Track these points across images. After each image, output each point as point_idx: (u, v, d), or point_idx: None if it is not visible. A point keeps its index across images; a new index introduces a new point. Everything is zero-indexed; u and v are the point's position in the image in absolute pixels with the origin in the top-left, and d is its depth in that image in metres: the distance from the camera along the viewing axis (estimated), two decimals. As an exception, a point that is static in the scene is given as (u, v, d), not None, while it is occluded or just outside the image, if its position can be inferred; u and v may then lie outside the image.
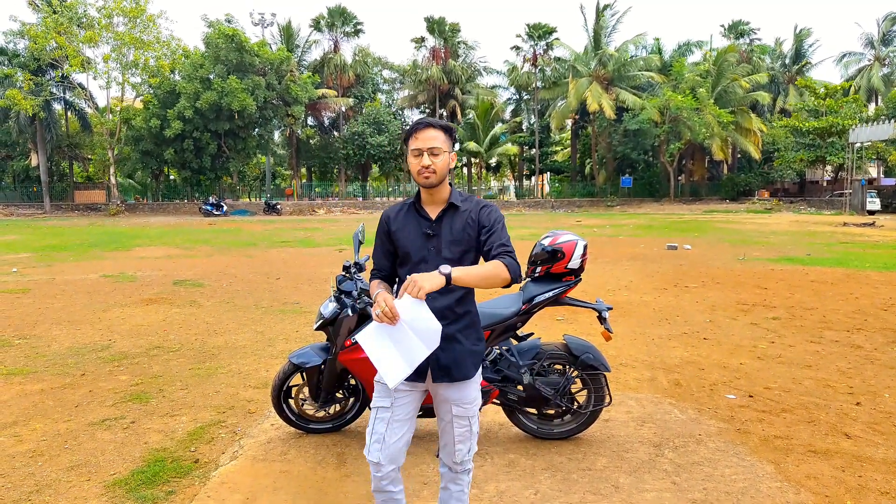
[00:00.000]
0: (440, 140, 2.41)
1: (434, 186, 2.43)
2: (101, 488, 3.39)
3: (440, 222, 2.46)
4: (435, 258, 2.41)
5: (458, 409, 2.49)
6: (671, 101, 42.16)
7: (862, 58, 54.33)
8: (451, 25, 50.88)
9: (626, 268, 12.35)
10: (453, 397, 2.48)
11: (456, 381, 2.46)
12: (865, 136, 37.58)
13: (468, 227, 2.45)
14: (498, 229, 2.45)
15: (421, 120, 2.46)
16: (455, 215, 2.47)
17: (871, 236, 19.95)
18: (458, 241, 2.44)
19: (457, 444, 2.52)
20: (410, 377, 2.33)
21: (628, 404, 4.66)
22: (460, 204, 2.49)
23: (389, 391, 2.44)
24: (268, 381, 5.19)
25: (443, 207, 2.49)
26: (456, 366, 2.44)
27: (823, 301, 8.66)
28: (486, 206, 2.52)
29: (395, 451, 2.46)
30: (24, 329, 7.26)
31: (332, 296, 3.94)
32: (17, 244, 18.87)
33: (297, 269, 12.60)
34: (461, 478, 2.60)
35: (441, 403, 2.52)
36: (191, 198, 47.91)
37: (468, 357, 2.47)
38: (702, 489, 3.35)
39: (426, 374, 2.43)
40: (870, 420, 4.30)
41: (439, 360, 2.40)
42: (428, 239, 2.45)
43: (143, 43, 40.73)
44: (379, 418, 2.47)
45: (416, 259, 2.44)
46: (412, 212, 2.51)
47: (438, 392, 2.50)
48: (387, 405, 2.47)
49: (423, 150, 2.39)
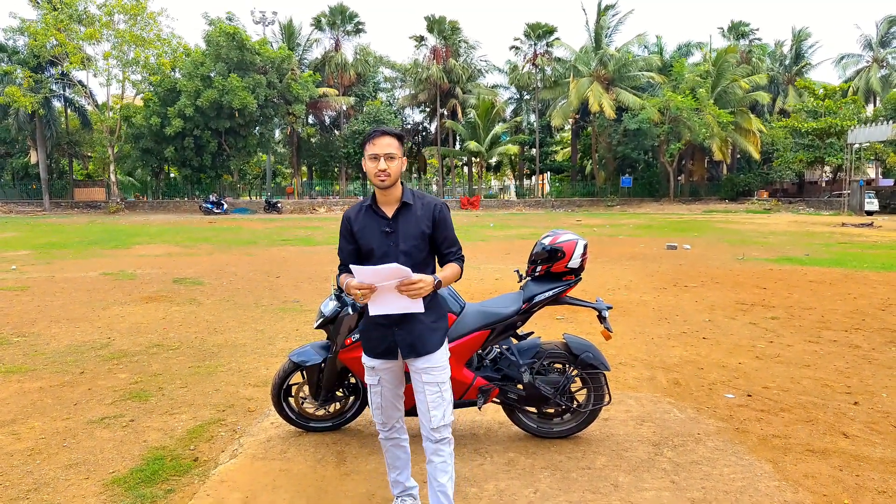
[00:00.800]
0: (394, 146, 2.71)
1: (389, 188, 2.74)
2: (100, 486, 3.39)
3: (396, 220, 2.78)
4: (395, 251, 2.75)
5: (427, 376, 2.80)
6: (671, 101, 42.16)
7: (860, 59, 54.39)
8: (452, 24, 50.84)
9: (626, 267, 12.36)
10: (421, 366, 2.80)
11: (421, 356, 2.79)
12: (864, 137, 37.58)
13: (421, 222, 2.79)
14: (448, 232, 2.86)
15: (377, 128, 2.77)
16: (409, 213, 2.79)
17: (870, 237, 19.96)
18: (413, 235, 2.77)
19: (431, 410, 2.80)
20: (383, 355, 2.83)
21: (628, 403, 4.67)
22: (412, 202, 2.81)
23: (372, 371, 2.89)
24: (268, 379, 5.20)
25: (397, 206, 2.80)
26: (420, 342, 2.79)
27: (822, 301, 8.67)
28: (436, 205, 2.86)
29: (391, 410, 2.95)
30: (22, 327, 7.27)
31: (332, 294, 3.94)
32: (17, 241, 18.87)
33: (298, 268, 12.60)
34: (442, 449, 2.83)
35: (413, 374, 2.85)
36: (191, 196, 47.89)
37: (430, 334, 2.81)
38: (700, 488, 3.36)
39: (397, 352, 2.81)
40: (868, 419, 4.31)
41: (406, 339, 2.78)
42: (387, 236, 2.77)
43: (143, 40, 40.69)
44: (373, 392, 2.93)
45: (379, 254, 2.76)
46: (370, 212, 2.82)
47: (411, 365, 2.84)
48: (375, 381, 2.90)
49: (380, 155, 2.68)
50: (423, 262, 2.81)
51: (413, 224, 2.78)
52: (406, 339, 2.78)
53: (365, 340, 2.90)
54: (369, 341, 2.87)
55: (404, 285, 2.55)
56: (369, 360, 2.89)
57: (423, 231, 2.78)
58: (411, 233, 2.77)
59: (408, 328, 2.77)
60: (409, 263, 2.68)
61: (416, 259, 2.77)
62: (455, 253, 2.90)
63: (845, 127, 38.33)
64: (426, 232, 2.79)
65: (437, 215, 2.83)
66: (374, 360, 2.87)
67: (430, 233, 2.81)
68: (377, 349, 2.84)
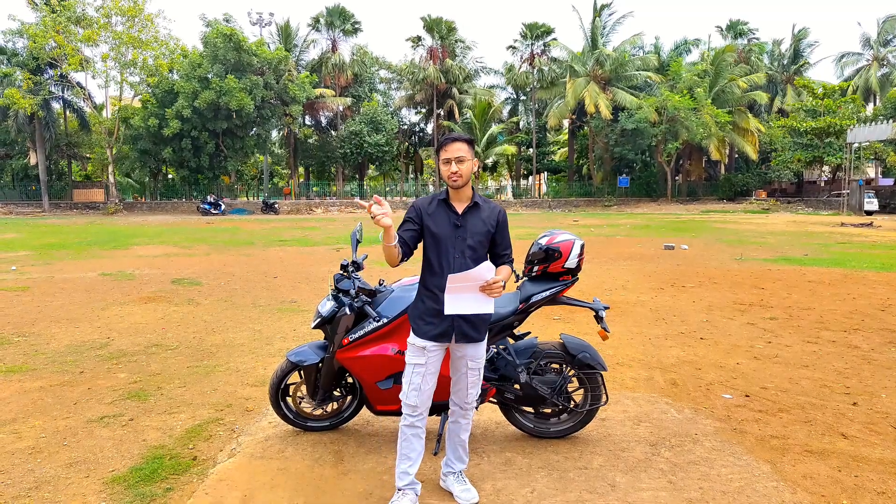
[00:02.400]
0: (464, 150, 3.02)
1: (461, 188, 3.06)
2: (100, 485, 3.40)
3: (465, 216, 3.09)
4: (461, 244, 3.06)
5: (472, 363, 3.17)
6: (668, 100, 42.19)
7: (860, 58, 54.46)
8: (448, 24, 50.83)
9: (623, 267, 12.37)
10: (470, 354, 3.14)
11: (473, 342, 3.12)
12: (863, 136, 37.63)
13: (486, 222, 3.11)
14: (507, 234, 3.22)
15: (449, 135, 3.07)
16: (477, 212, 3.12)
17: (869, 236, 19.99)
18: (479, 232, 3.09)
19: (469, 389, 3.21)
20: (439, 338, 3.06)
21: (625, 403, 4.68)
22: (482, 204, 3.15)
23: (423, 352, 3.08)
24: (265, 379, 5.20)
25: (468, 205, 3.11)
26: (475, 329, 3.10)
27: (820, 301, 8.68)
28: (500, 210, 3.21)
29: (427, 396, 3.14)
30: (23, 327, 7.27)
31: (329, 294, 3.95)
32: (16, 242, 18.85)
33: (295, 268, 12.60)
34: (468, 413, 3.30)
35: (458, 360, 3.18)
36: (189, 197, 47.85)
37: (482, 324, 3.13)
38: (698, 488, 3.37)
39: (451, 336, 3.08)
40: (866, 420, 4.32)
41: (462, 327, 3.06)
42: (456, 228, 3.07)
43: (141, 42, 40.65)
44: (416, 372, 3.10)
45: (446, 242, 3.06)
46: (443, 205, 3.12)
47: (457, 350, 3.15)
48: (422, 362, 3.10)
49: (452, 159, 3.01)
50: (483, 257, 3.11)
51: (480, 222, 3.10)
52: (462, 327, 3.06)
53: (420, 323, 3.09)
54: (426, 324, 3.08)
55: (488, 285, 2.85)
56: (420, 341, 3.09)
57: (489, 230, 3.11)
58: (478, 230, 3.08)
59: (466, 316, 3.03)
60: (473, 256, 3.04)
61: (479, 254, 3.09)
62: (509, 255, 3.22)
63: (844, 126, 38.38)
64: (490, 231, 3.11)
65: (501, 218, 3.18)
66: (427, 340, 3.07)
67: (493, 232, 3.13)
68: (432, 332, 3.06)
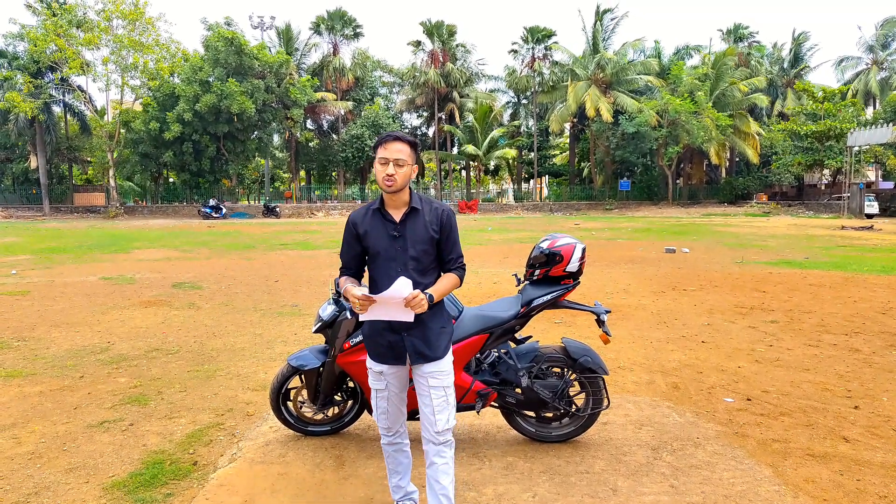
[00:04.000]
0: (405, 153, 2.71)
1: (396, 192, 2.74)
2: (100, 490, 3.39)
3: (404, 224, 2.78)
4: (402, 255, 2.76)
5: (433, 380, 2.81)
6: (669, 104, 42.22)
7: (860, 62, 54.46)
8: (449, 28, 50.95)
9: (625, 271, 12.36)
10: (428, 371, 2.81)
11: (430, 361, 2.80)
12: (863, 139, 37.64)
13: (428, 227, 2.79)
14: (454, 238, 2.88)
15: (390, 133, 2.74)
16: (416, 217, 2.80)
17: (870, 240, 19.98)
18: (421, 240, 2.78)
19: (436, 414, 2.80)
20: (391, 361, 2.82)
21: (626, 407, 4.67)
22: (420, 207, 2.81)
23: (381, 376, 2.87)
24: (266, 383, 5.19)
25: (405, 210, 2.80)
26: (429, 347, 2.80)
27: (822, 304, 8.67)
28: (443, 210, 2.87)
29: (396, 415, 2.96)
30: (23, 331, 7.26)
31: (330, 298, 3.95)
32: (17, 246, 18.85)
33: (296, 272, 12.60)
34: (444, 451, 2.83)
35: (419, 378, 2.84)
36: (190, 200, 47.89)
37: (438, 338, 2.82)
38: (700, 492, 3.36)
39: (405, 357, 2.80)
40: (868, 424, 4.31)
41: (415, 346, 2.78)
42: (395, 240, 2.77)
43: (142, 46, 40.76)
44: (379, 396, 2.92)
45: (386, 257, 2.78)
46: (377, 215, 2.81)
47: (416, 370, 2.84)
48: (382, 387, 2.89)
49: (390, 160, 2.68)
50: (430, 268, 2.83)
51: (421, 228, 2.78)
52: (415, 345, 2.78)
53: (371, 345, 2.88)
54: (377, 346, 2.86)
55: (408, 302, 2.57)
56: (376, 365, 2.88)
57: (432, 236, 2.79)
58: (419, 237, 2.78)
59: (417, 333, 2.77)
60: (417, 268, 2.75)
61: (425, 264, 2.80)
62: (456, 261, 2.89)
63: (845, 129, 38.39)
64: (434, 237, 2.80)
65: (445, 220, 2.84)
66: (381, 364, 2.86)
67: (437, 238, 2.81)
68: (385, 354, 2.83)
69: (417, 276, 2.75)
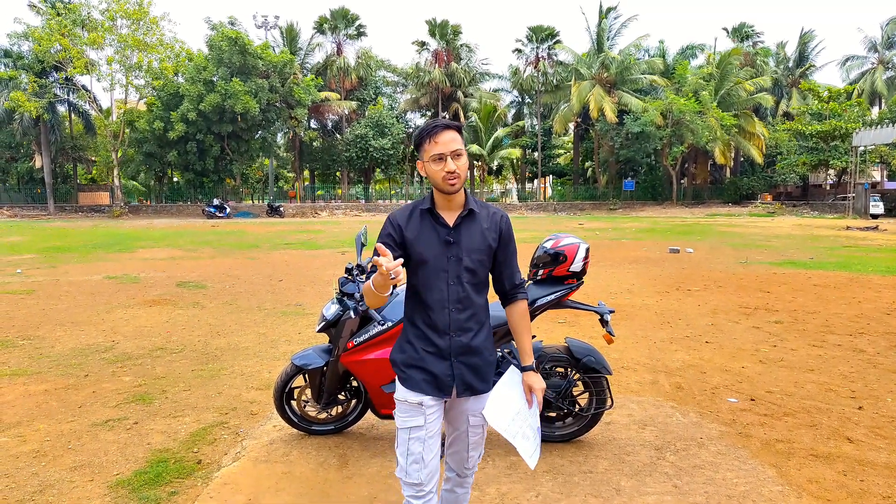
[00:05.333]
0: (459, 141, 2.28)
1: (458, 192, 2.31)
2: (104, 489, 3.41)
3: (458, 229, 2.34)
4: (455, 266, 2.33)
5: (474, 418, 2.43)
6: (674, 104, 42.14)
7: (865, 61, 54.26)
8: (453, 28, 50.98)
9: (628, 271, 12.34)
10: (471, 408, 2.42)
11: (477, 395, 2.41)
12: (869, 139, 37.49)
13: (485, 234, 2.37)
14: (513, 250, 2.48)
15: (436, 123, 2.29)
16: (473, 222, 2.37)
17: (875, 240, 19.90)
18: (477, 248, 2.35)
19: (470, 452, 2.48)
20: (433, 392, 2.33)
21: (630, 407, 4.66)
22: (477, 210, 2.38)
23: (420, 410, 2.33)
24: (270, 382, 5.21)
25: (460, 213, 2.36)
26: (480, 379, 2.39)
27: (826, 305, 8.64)
28: (502, 216, 2.45)
29: (433, 468, 2.35)
30: (28, 330, 7.29)
31: (334, 298, 3.96)
32: (22, 245, 18.92)
33: (300, 272, 12.62)
34: (467, 480, 2.58)
35: (457, 414, 2.44)
36: (194, 200, 48.00)
37: (488, 369, 2.43)
38: (703, 493, 3.36)
39: (451, 389, 2.36)
40: (872, 424, 4.30)
41: (464, 376, 2.36)
42: (448, 246, 2.33)
43: (146, 45, 40.84)
44: (414, 438, 2.32)
45: (436, 267, 2.33)
46: (427, 218, 2.36)
47: (456, 404, 2.43)
48: (420, 423, 2.32)
49: (446, 154, 2.24)
50: (485, 282, 2.44)
51: (478, 235, 2.36)
52: (464, 375, 2.36)
53: (411, 373, 2.36)
54: (418, 373, 2.35)
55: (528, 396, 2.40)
56: (414, 395, 2.34)
57: (490, 244, 2.38)
58: (476, 246, 2.35)
59: (468, 361, 2.36)
60: (472, 282, 2.36)
61: (480, 278, 2.39)
62: (520, 286, 2.51)
63: (850, 129, 38.26)
64: (492, 246, 2.39)
65: (504, 227, 2.43)
66: (422, 394, 2.34)
67: (495, 247, 2.40)
68: (426, 384, 2.34)
69: (473, 291, 2.36)
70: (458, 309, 2.33)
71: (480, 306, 2.41)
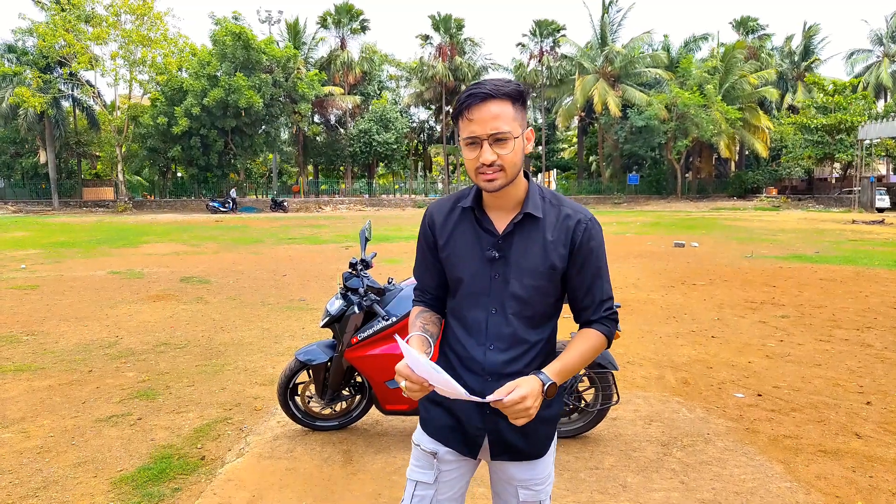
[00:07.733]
0: (507, 118, 1.55)
1: (499, 190, 1.62)
2: (108, 485, 3.39)
3: (509, 239, 1.67)
4: (499, 291, 1.67)
5: (525, 492, 1.76)
6: (678, 97, 41.97)
7: (870, 55, 53.93)
8: (457, 22, 50.81)
9: (634, 265, 12.30)
10: (520, 477, 1.75)
11: (520, 461, 1.75)
12: (875, 132, 37.26)
13: (548, 249, 1.66)
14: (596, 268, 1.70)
15: (476, 88, 1.56)
16: (532, 230, 1.67)
17: (881, 234, 19.81)
18: (532, 270, 1.66)
19: None
20: (456, 446, 1.75)
21: (636, 403, 4.63)
22: (541, 213, 1.67)
23: (433, 462, 1.75)
24: (274, 378, 5.19)
25: (515, 216, 1.68)
26: (525, 440, 1.71)
27: (832, 299, 8.59)
28: (579, 221, 1.68)
29: None
30: (32, 325, 7.29)
31: (338, 293, 3.93)
32: (26, 241, 18.96)
33: (304, 267, 12.61)
34: None
35: (503, 483, 1.80)
36: (198, 195, 48.05)
37: (540, 427, 1.72)
38: (710, 489, 3.33)
39: (479, 448, 1.74)
40: (880, 419, 4.26)
41: (501, 433, 1.70)
42: (491, 264, 1.68)
43: (150, 40, 40.80)
44: (417, 496, 1.76)
45: (474, 289, 1.70)
46: (469, 218, 1.72)
47: (498, 468, 1.80)
48: (429, 480, 1.75)
49: (482, 137, 1.55)
50: (544, 314, 1.73)
51: (537, 251, 1.66)
52: (503, 433, 1.70)
53: (434, 411, 1.78)
54: (443, 415, 1.76)
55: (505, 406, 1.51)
56: (429, 442, 1.78)
57: (553, 265, 1.66)
58: (530, 265, 1.66)
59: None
60: (522, 314, 1.68)
61: (536, 309, 1.70)
62: (601, 307, 1.72)
63: (855, 123, 38.06)
64: (557, 267, 1.67)
65: (580, 238, 1.67)
66: (438, 444, 1.77)
67: (563, 268, 1.68)
68: (449, 433, 1.76)
69: (522, 326, 1.69)
70: (499, 348, 1.68)
71: (534, 345, 1.72)
